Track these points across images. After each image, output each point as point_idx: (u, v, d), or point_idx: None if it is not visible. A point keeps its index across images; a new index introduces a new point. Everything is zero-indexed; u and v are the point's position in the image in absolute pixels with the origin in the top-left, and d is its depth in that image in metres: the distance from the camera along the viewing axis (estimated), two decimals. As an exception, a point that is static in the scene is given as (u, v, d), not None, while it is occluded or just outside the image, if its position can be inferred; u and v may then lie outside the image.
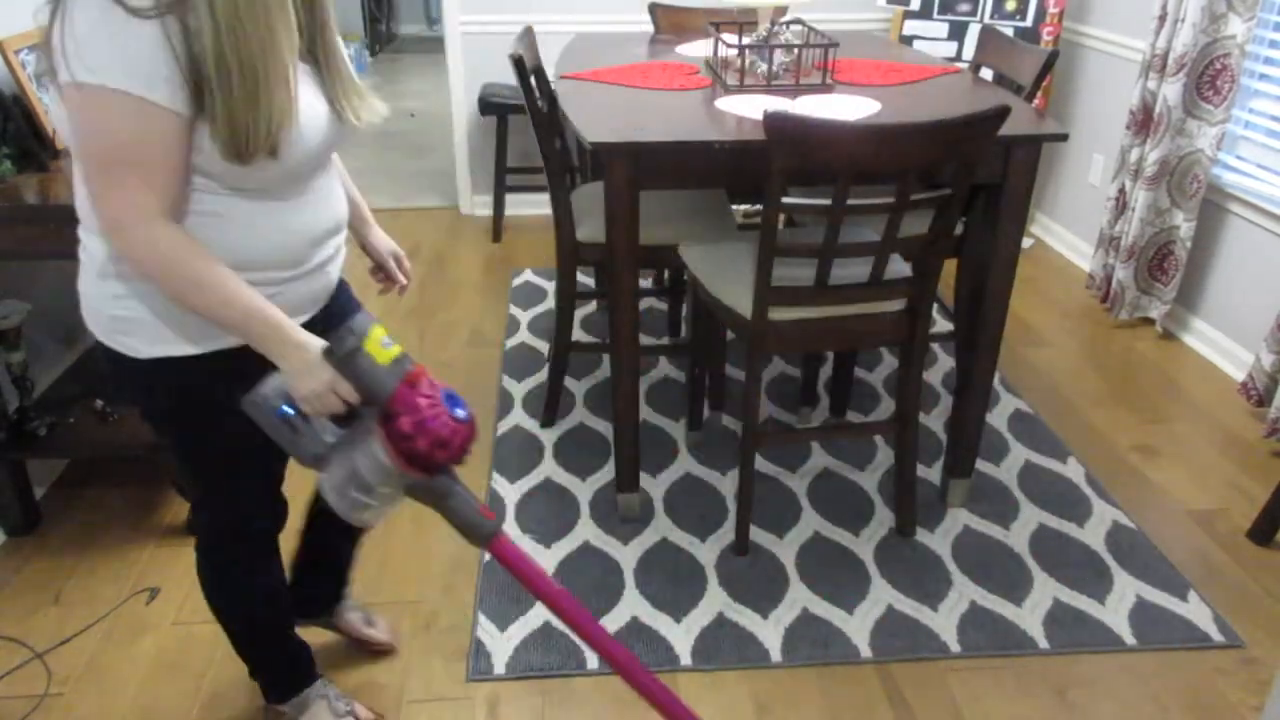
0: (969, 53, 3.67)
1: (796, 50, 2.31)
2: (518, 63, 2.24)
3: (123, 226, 1.10)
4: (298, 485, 1.56)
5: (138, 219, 1.10)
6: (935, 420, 2.74)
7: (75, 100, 1.05)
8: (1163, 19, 3.05)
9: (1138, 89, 3.19)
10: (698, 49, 2.77)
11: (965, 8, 3.65)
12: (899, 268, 2.08)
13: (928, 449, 2.59)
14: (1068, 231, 3.95)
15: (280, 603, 1.59)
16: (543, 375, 2.95)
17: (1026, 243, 4.03)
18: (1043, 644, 1.94)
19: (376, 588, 2.09)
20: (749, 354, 2.02)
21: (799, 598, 2.06)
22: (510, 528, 2.27)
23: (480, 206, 4.29)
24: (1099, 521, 2.31)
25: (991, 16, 3.63)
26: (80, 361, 2.50)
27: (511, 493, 2.39)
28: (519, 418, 2.73)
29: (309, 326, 1.29)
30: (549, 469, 2.50)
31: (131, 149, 1.07)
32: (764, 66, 2.30)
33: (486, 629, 1.96)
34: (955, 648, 1.93)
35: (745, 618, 2.00)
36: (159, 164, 1.09)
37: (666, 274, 3.19)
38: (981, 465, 2.51)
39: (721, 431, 2.67)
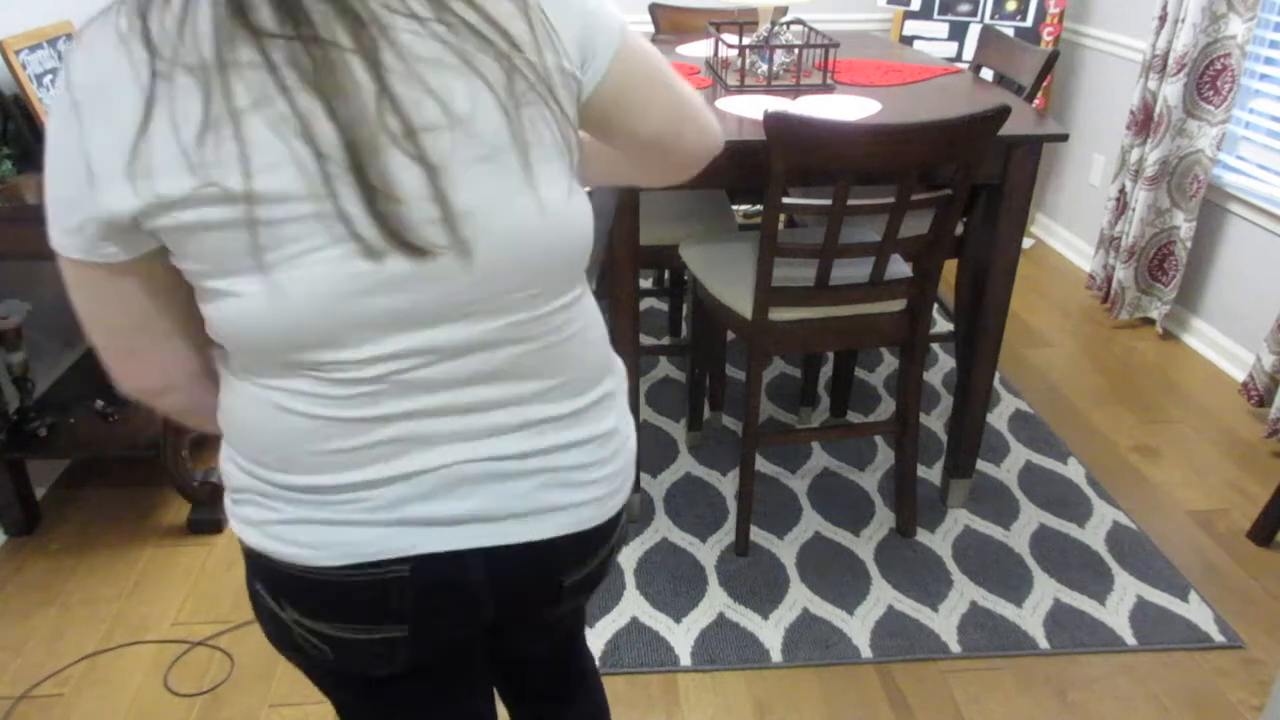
0: (969, 53, 3.67)
1: (797, 50, 2.31)
2: (518, 63, 2.24)
3: (714, 121, 0.93)
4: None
5: None
6: (935, 420, 2.74)
7: (631, 36, 0.84)
8: (1163, 19, 3.05)
9: (1138, 89, 3.19)
10: (698, 49, 2.77)
11: (965, 8, 3.65)
12: (899, 268, 2.08)
13: (928, 449, 2.59)
14: (1068, 231, 3.95)
15: None
16: (543, 375, 2.94)
17: (1027, 243, 4.03)
18: (1043, 644, 1.94)
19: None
20: (749, 354, 2.02)
21: (799, 598, 2.06)
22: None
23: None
24: (1099, 522, 2.31)
25: (992, 17, 3.63)
26: (80, 361, 2.50)
27: (511, 493, 2.39)
28: (519, 418, 2.72)
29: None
30: (549, 469, 2.49)
31: None
32: (764, 67, 2.30)
33: (486, 629, 1.96)
34: (955, 648, 1.93)
35: (745, 618, 2.00)
36: None
37: (666, 274, 3.19)
38: (982, 465, 2.51)
39: (721, 431, 2.67)
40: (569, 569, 0.89)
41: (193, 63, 0.66)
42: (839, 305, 1.98)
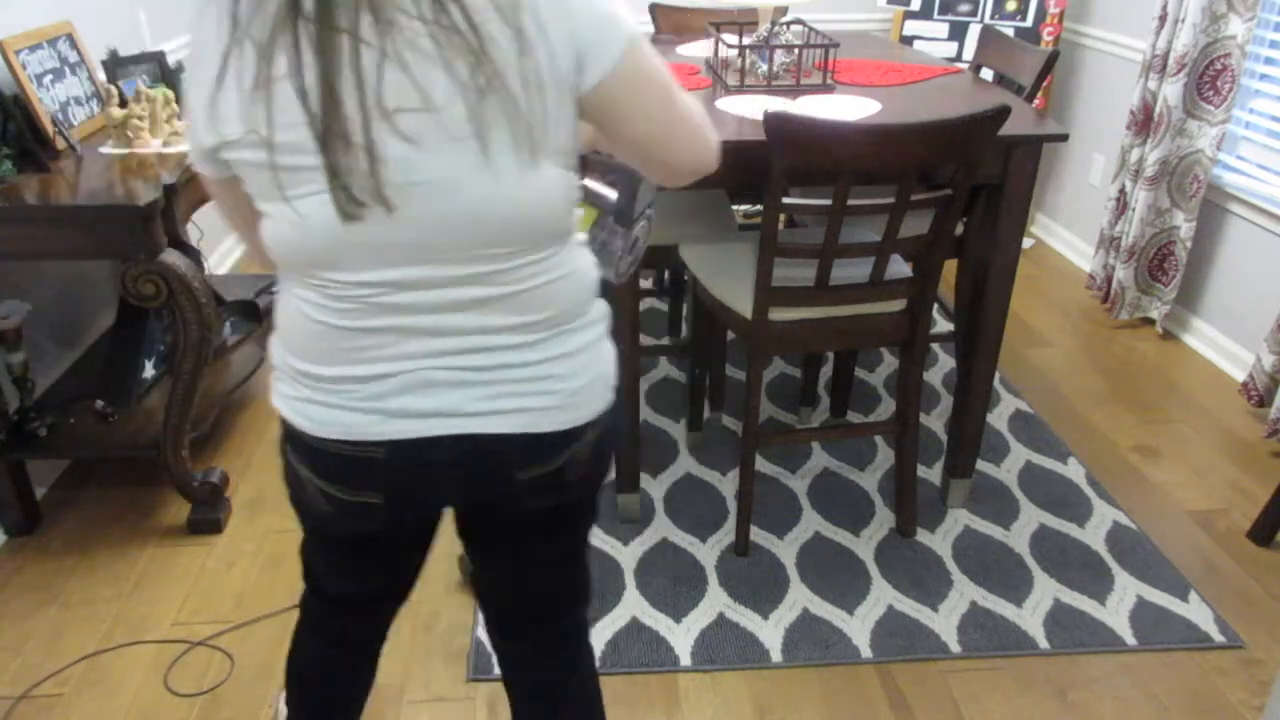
0: (969, 53, 3.67)
1: (797, 50, 2.31)
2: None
3: (711, 143, 1.03)
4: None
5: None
6: (935, 420, 2.74)
7: (639, 50, 0.96)
8: (1163, 19, 3.05)
9: (1138, 89, 3.19)
10: (698, 49, 2.77)
11: (965, 8, 3.65)
12: (899, 268, 2.08)
13: (928, 449, 2.59)
14: (1068, 231, 3.95)
15: None
16: (543, 375, 2.94)
17: (1027, 243, 4.02)
18: (1043, 644, 1.94)
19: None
20: (749, 354, 2.02)
21: (799, 598, 2.06)
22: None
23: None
24: (1099, 522, 2.31)
25: (992, 17, 3.63)
26: (80, 361, 2.50)
27: (511, 493, 2.39)
28: (519, 418, 2.72)
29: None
30: (549, 469, 2.49)
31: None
32: (764, 67, 2.30)
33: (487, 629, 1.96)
34: (955, 648, 1.93)
35: (745, 618, 2.00)
36: None
37: (666, 274, 3.19)
38: (982, 465, 2.51)
39: (721, 431, 2.67)
40: (521, 464, 1.07)
41: (257, 36, 0.85)
42: (839, 305, 1.98)
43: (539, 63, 0.88)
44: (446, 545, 2.20)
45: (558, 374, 1.04)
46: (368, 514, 1.09)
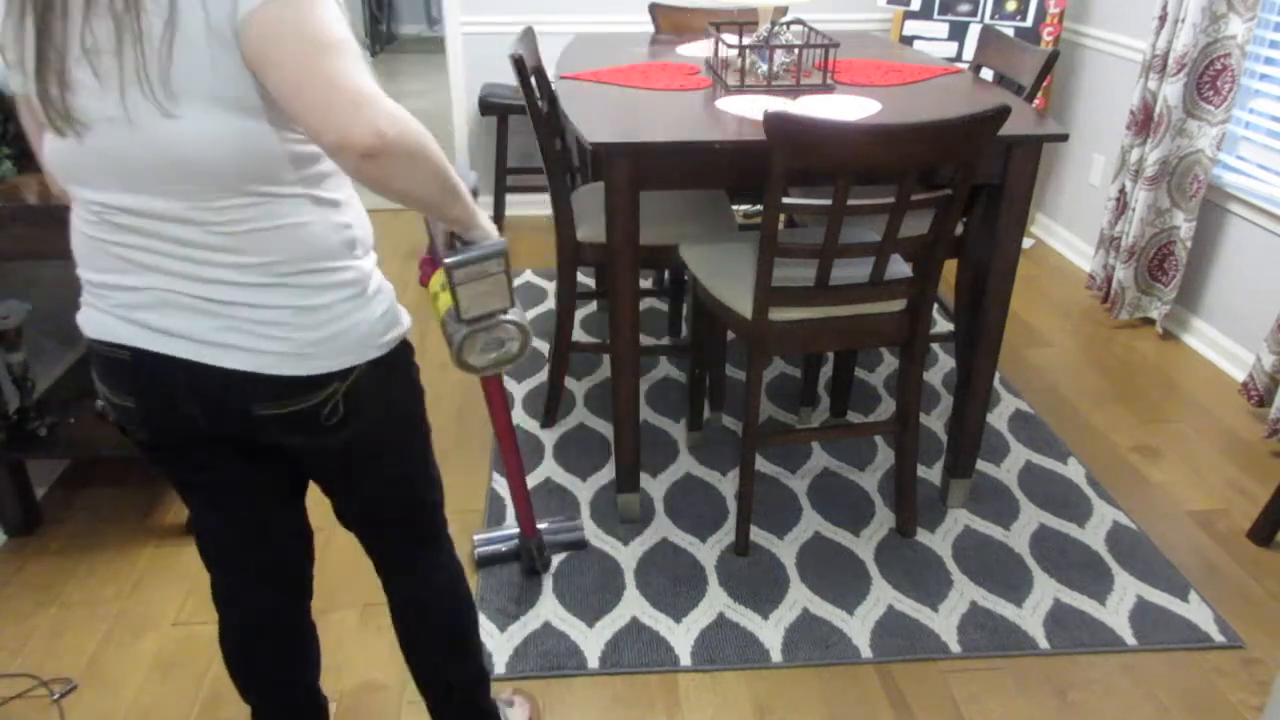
0: (969, 53, 3.67)
1: (797, 50, 2.31)
2: (518, 63, 2.24)
3: (376, 98, 0.98)
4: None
5: (379, 92, 1.00)
6: (935, 420, 2.74)
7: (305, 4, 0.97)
8: (1163, 19, 3.05)
9: (1138, 89, 3.19)
10: (698, 49, 2.77)
11: (965, 8, 3.65)
12: (899, 268, 2.08)
13: (928, 449, 2.59)
14: (1068, 231, 3.95)
15: None
16: (543, 375, 2.95)
17: (1027, 243, 4.03)
18: (1043, 644, 1.94)
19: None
20: (749, 354, 2.02)
21: (799, 598, 2.06)
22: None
23: (481, 206, 4.29)
24: (1099, 522, 2.31)
25: (992, 17, 3.63)
26: (80, 361, 2.50)
27: (511, 493, 2.40)
28: (519, 418, 2.73)
29: None
30: (549, 469, 2.50)
31: (350, 39, 1.01)
32: (764, 67, 2.30)
33: (486, 629, 1.96)
34: (955, 648, 1.93)
35: (745, 618, 2.00)
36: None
37: (666, 274, 3.19)
38: (982, 465, 2.51)
39: (721, 431, 2.67)
40: (257, 402, 1.14)
41: None
42: (839, 305, 1.98)
43: (205, 19, 0.96)
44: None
45: (292, 323, 1.11)
46: (132, 418, 1.19)
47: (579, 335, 3.21)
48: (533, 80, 2.37)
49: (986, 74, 3.07)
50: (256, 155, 1.03)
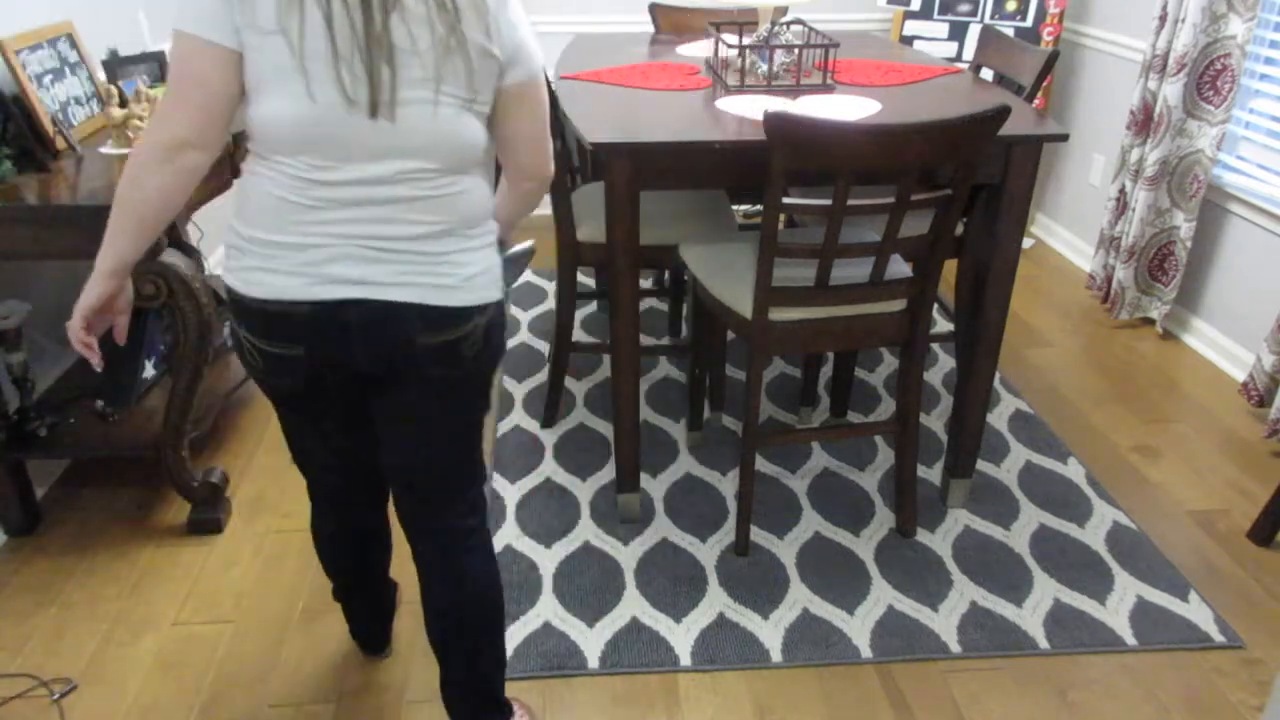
0: (969, 53, 3.67)
1: (797, 50, 2.31)
2: (518, 63, 2.24)
3: (550, 158, 1.46)
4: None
5: None
6: (935, 420, 2.74)
7: (538, 80, 1.37)
8: (1163, 19, 3.05)
9: (1138, 89, 3.19)
10: (698, 49, 2.77)
11: (965, 8, 3.65)
12: (899, 268, 2.08)
13: (928, 449, 2.59)
14: (1068, 231, 3.95)
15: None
16: (543, 375, 2.95)
17: (1027, 243, 4.03)
18: (1043, 644, 1.94)
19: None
20: (749, 354, 2.02)
21: (799, 598, 2.06)
22: (510, 528, 2.27)
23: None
24: (1099, 522, 2.31)
25: (992, 17, 3.63)
26: (80, 361, 2.50)
27: (512, 493, 2.39)
28: (519, 418, 2.73)
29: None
30: (549, 469, 2.50)
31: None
32: (764, 67, 2.30)
33: (486, 629, 1.96)
34: (955, 648, 1.93)
35: (745, 618, 2.00)
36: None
37: (666, 274, 3.19)
38: (982, 465, 2.51)
39: (721, 431, 2.67)
40: (419, 330, 1.33)
41: None
42: (839, 305, 1.98)
43: (490, 50, 1.26)
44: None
45: (454, 261, 1.33)
46: (291, 368, 1.35)
47: (579, 335, 3.22)
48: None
49: (986, 74, 3.07)
50: (474, 147, 1.31)
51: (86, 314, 1.37)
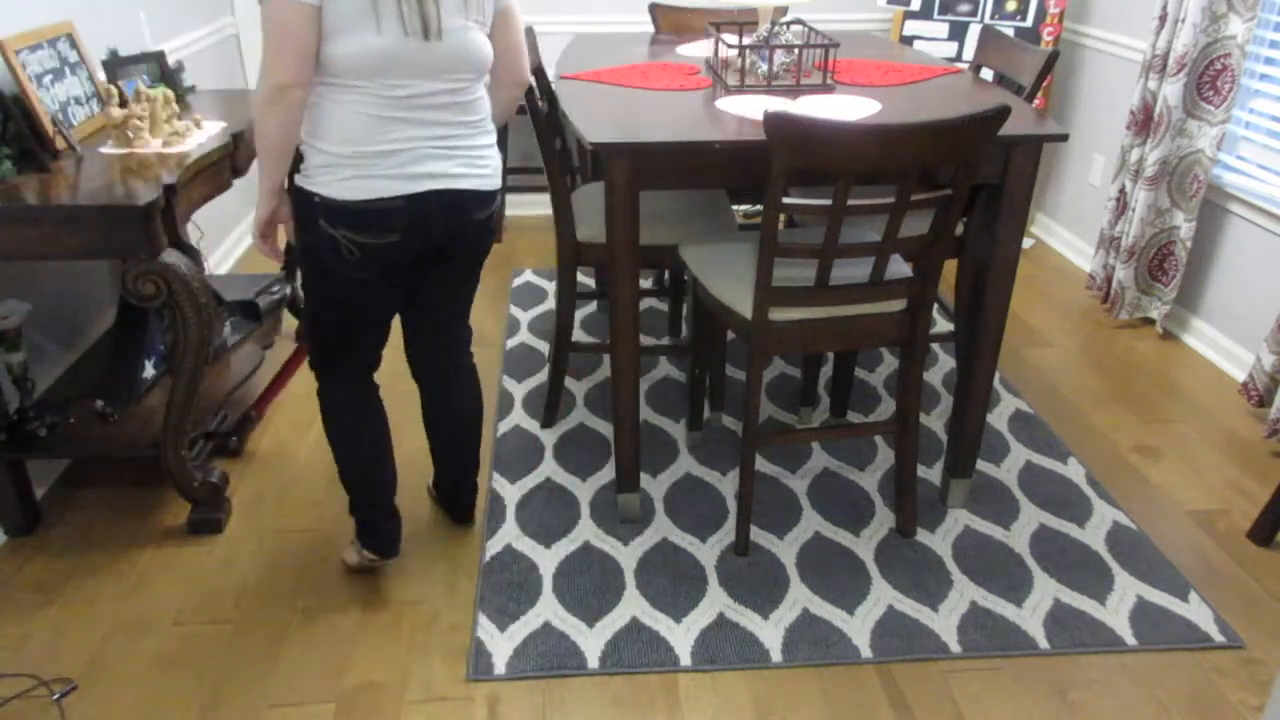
0: (969, 53, 3.67)
1: (797, 50, 2.31)
2: (518, 63, 2.25)
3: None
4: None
5: None
6: (935, 420, 2.74)
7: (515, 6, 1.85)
8: (1163, 19, 3.05)
9: (1138, 89, 3.19)
10: (698, 49, 2.77)
11: (965, 8, 3.65)
12: (899, 268, 2.08)
13: (928, 449, 2.59)
14: (1068, 231, 3.96)
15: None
16: (543, 375, 2.95)
17: (1027, 243, 4.03)
18: (1043, 644, 1.94)
19: (376, 588, 2.09)
20: (749, 354, 2.02)
21: (799, 598, 2.06)
22: (510, 528, 2.27)
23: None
24: (1099, 522, 2.31)
25: (992, 17, 3.63)
26: (80, 361, 2.50)
27: (512, 493, 2.39)
28: (519, 418, 2.73)
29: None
30: (549, 469, 2.50)
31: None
32: (764, 67, 2.30)
33: (486, 629, 1.96)
34: (955, 648, 1.93)
35: (745, 618, 2.00)
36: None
37: (666, 274, 3.19)
38: (982, 465, 2.51)
39: (721, 431, 2.67)
40: (475, 209, 1.81)
41: None
42: (839, 305, 1.98)
43: None
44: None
45: (487, 156, 1.81)
46: (385, 254, 1.74)
47: (579, 335, 3.22)
48: (533, 80, 2.36)
49: (986, 74, 3.07)
50: (490, 58, 1.76)
51: (262, 226, 1.79)
